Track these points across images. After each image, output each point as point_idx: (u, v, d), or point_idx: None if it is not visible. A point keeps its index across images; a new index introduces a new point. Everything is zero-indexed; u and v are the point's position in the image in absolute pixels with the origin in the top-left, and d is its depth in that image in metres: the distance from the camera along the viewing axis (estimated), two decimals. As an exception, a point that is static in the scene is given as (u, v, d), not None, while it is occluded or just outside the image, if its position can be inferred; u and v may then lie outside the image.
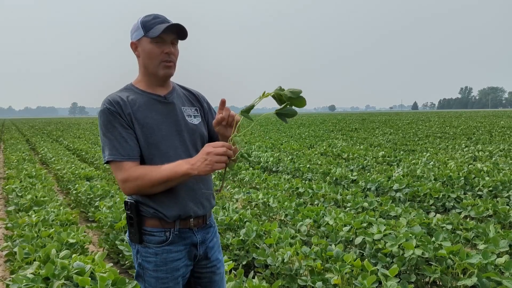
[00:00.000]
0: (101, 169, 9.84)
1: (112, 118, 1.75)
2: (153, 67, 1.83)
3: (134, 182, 1.71)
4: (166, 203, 1.80)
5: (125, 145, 1.75)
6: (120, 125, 1.75)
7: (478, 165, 8.16)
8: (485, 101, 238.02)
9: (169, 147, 1.80)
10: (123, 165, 1.73)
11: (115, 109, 1.76)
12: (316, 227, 4.60)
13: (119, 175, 1.74)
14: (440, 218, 4.63)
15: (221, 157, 1.61)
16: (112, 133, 1.75)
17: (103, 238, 4.67)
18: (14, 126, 43.98)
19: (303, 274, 3.48)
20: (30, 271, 3.07)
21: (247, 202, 6.01)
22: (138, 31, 1.80)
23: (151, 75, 1.85)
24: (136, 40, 1.82)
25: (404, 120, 37.44)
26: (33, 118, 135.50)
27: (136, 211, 1.81)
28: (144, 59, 1.83)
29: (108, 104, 1.77)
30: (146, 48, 1.80)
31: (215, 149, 1.61)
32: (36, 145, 17.34)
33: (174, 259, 1.82)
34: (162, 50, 1.80)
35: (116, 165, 1.74)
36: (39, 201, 5.80)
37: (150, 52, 1.80)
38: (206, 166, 1.61)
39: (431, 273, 3.32)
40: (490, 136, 16.98)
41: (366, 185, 7.04)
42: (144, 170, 1.72)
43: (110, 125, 1.75)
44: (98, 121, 1.81)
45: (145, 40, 1.80)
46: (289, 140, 17.08)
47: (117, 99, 1.79)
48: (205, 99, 2.07)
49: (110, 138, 1.75)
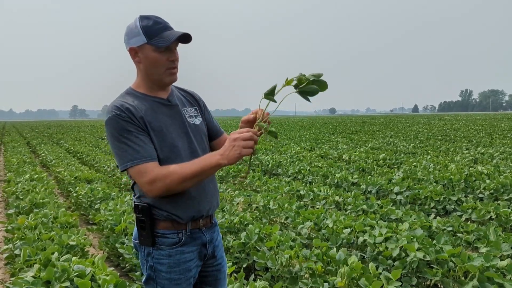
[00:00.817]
0: (101, 172, 9.83)
1: (124, 124, 1.70)
2: (158, 75, 1.80)
3: (163, 181, 1.67)
4: (180, 204, 1.80)
5: (145, 146, 1.71)
6: (135, 129, 1.71)
7: (479, 168, 8.15)
8: (485, 104, 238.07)
9: (180, 149, 1.80)
10: (147, 167, 1.68)
11: (126, 115, 1.71)
12: (316, 230, 4.60)
13: (145, 178, 1.68)
14: (441, 221, 4.62)
15: (248, 142, 1.62)
16: (128, 138, 1.70)
17: (104, 241, 4.66)
18: (15, 129, 44.01)
19: (303, 277, 3.47)
20: (31, 274, 3.06)
21: (247, 205, 6.00)
22: (139, 36, 1.74)
23: (154, 81, 1.83)
24: (136, 46, 1.76)
25: (404, 122, 37.44)
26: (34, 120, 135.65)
27: (148, 214, 1.79)
28: (147, 66, 1.79)
29: (117, 111, 1.72)
30: (150, 56, 1.76)
31: (241, 135, 1.62)
32: (36, 148, 17.35)
33: (186, 260, 1.84)
34: (167, 57, 1.77)
35: (139, 169, 1.69)
36: (39, 204, 5.80)
37: (155, 61, 1.76)
38: (235, 152, 1.62)
39: (432, 276, 3.31)
40: (491, 138, 16.97)
41: (366, 187, 7.03)
42: (172, 168, 1.69)
43: (124, 130, 1.70)
44: (107, 129, 1.74)
45: (148, 48, 1.74)
46: (290, 142, 17.08)
47: (125, 104, 1.74)
48: (200, 98, 2.07)
49: (127, 143, 1.70)
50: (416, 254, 3.41)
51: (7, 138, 25.61)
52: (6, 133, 34.85)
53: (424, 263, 3.50)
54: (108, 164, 10.27)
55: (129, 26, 1.79)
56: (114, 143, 1.73)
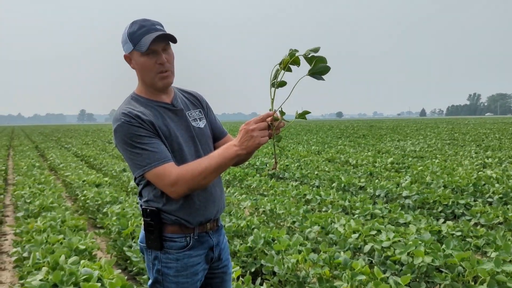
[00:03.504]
0: (109, 175, 9.88)
1: (135, 129, 1.69)
2: (150, 80, 1.79)
3: (185, 180, 1.66)
4: (189, 209, 1.80)
5: (160, 148, 1.70)
6: (146, 133, 1.71)
7: (488, 172, 8.08)
8: (493, 108, 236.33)
9: (186, 154, 1.80)
10: (166, 168, 1.67)
11: (136, 121, 1.70)
12: (324, 234, 4.57)
13: (166, 180, 1.67)
14: (450, 225, 4.58)
15: (264, 131, 1.64)
16: (141, 142, 1.69)
17: (111, 244, 4.67)
18: (24, 133, 44.38)
19: (311, 282, 3.45)
20: (39, 277, 3.08)
21: (254, 209, 6.00)
22: (127, 44, 1.76)
23: (149, 86, 1.83)
24: (128, 53, 1.78)
25: (412, 126, 37.25)
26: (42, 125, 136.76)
27: (157, 218, 1.79)
28: (140, 72, 1.80)
29: (126, 117, 1.71)
30: (139, 61, 1.76)
31: (256, 124, 1.63)
32: (45, 152, 17.47)
33: (194, 264, 1.84)
34: (155, 61, 1.75)
35: (158, 171, 1.67)
36: (48, 207, 5.83)
37: (143, 66, 1.76)
38: (254, 142, 1.62)
39: (442, 280, 3.28)
40: (499, 142, 16.84)
41: (374, 191, 6.99)
42: (190, 166, 1.69)
43: (136, 136, 1.69)
44: (117, 137, 1.73)
45: (136, 54, 1.75)
46: (296, 146, 17.05)
47: (133, 111, 1.73)
48: (203, 98, 2.07)
49: (142, 147, 1.68)
50: (424, 259, 3.38)
51: (16, 142, 25.83)
52: (15, 137, 35.15)
53: (433, 268, 3.47)
54: (115, 168, 10.31)
55: (122, 33, 1.80)
56: (127, 150, 1.71)
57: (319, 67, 1.60)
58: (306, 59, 1.60)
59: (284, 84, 1.65)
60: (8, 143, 25.50)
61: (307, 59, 1.60)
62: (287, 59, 1.60)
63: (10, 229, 5.82)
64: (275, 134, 1.70)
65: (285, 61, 1.60)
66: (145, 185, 1.81)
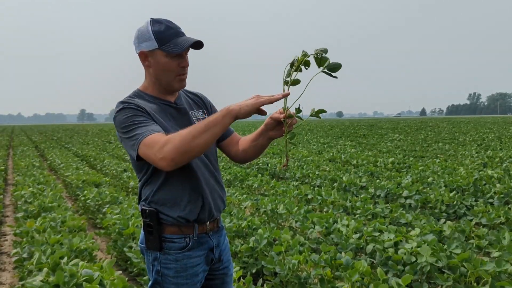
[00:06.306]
0: (109, 175, 9.86)
1: (133, 111, 1.70)
2: (167, 81, 1.80)
3: (172, 142, 1.55)
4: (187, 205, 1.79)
5: (155, 126, 1.68)
6: (144, 117, 1.70)
7: (489, 172, 8.06)
8: (493, 107, 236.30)
9: None
10: (156, 136, 1.61)
11: (135, 106, 1.71)
12: (325, 234, 4.56)
13: (156, 146, 1.57)
14: (451, 226, 4.56)
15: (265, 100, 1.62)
16: (138, 121, 1.67)
17: (111, 245, 4.66)
18: (23, 133, 44.35)
19: (312, 282, 3.44)
20: (40, 278, 3.06)
21: (255, 209, 5.98)
22: (150, 41, 1.74)
23: (163, 86, 1.83)
24: (147, 50, 1.76)
25: (412, 126, 37.23)
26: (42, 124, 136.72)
27: (156, 219, 1.78)
28: (157, 71, 1.79)
29: (126, 103, 1.73)
30: (161, 61, 1.75)
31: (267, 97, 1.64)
32: (45, 152, 17.45)
33: (193, 265, 1.83)
34: (178, 63, 1.77)
35: (150, 140, 1.60)
36: (48, 207, 5.81)
37: (165, 66, 1.76)
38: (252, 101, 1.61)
39: (444, 281, 3.26)
40: (500, 142, 16.82)
41: (375, 191, 6.97)
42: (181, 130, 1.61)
43: (132, 117, 1.68)
44: (116, 124, 1.73)
45: (159, 53, 1.74)
46: (297, 146, 17.03)
47: (135, 101, 1.74)
48: (207, 98, 2.07)
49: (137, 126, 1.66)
50: (427, 259, 3.37)
51: (16, 142, 25.81)
52: (15, 137, 35.12)
53: (435, 268, 3.45)
54: (116, 168, 10.30)
55: (140, 29, 1.79)
56: (124, 132, 1.70)
57: (331, 64, 1.63)
58: (316, 60, 1.63)
59: (298, 82, 1.66)
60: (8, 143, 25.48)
61: (317, 59, 1.63)
62: (301, 59, 1.63)
63: (10, 229, 5.80)
64: (287, 131, 1.70)
65: (299, 60, 1.63)
66: (144, 185, 1.83)
